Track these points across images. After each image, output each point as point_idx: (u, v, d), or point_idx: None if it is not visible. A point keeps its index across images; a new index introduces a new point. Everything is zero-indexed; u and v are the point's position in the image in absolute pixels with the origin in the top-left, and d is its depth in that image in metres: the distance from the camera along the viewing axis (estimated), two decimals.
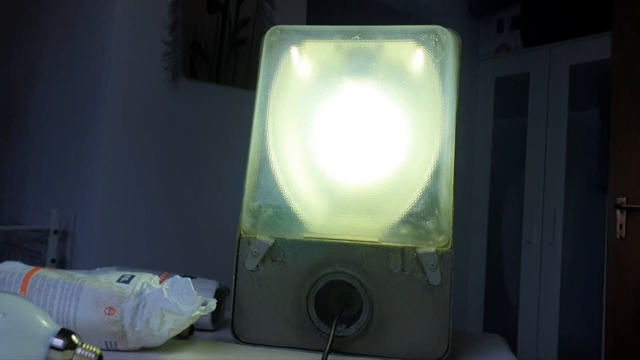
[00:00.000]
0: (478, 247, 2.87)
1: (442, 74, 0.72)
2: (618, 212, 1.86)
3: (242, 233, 0.71)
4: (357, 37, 0.75)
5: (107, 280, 0.64)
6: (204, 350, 0.67)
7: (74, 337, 0.53)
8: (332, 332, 0.65)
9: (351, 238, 0.68)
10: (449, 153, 0.69)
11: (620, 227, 1.85)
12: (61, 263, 1.81)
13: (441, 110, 0.71)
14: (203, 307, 0.64)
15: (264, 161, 0.72)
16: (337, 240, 0.69)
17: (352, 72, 0.75)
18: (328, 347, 0.63)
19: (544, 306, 2.57)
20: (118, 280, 0.64)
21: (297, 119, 0.75)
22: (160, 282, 0.66)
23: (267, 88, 0.75)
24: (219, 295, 0.76)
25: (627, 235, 1.85)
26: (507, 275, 2.87)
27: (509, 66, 2.87)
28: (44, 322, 0.53)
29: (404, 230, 0.68)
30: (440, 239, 0.67)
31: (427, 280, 0.67)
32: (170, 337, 0.64)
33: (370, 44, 0.74)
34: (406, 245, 0.67)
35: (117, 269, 0.75)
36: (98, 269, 0.77)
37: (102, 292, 0.63)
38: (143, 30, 1.78)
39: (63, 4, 2.07)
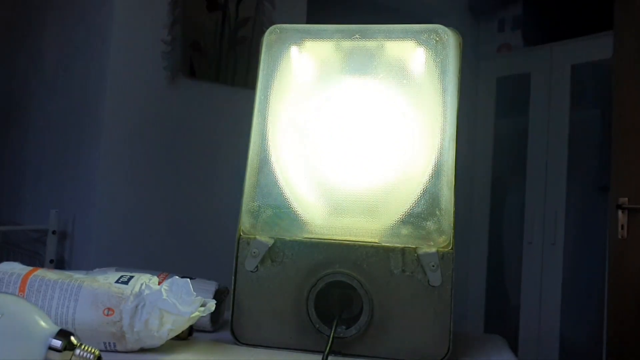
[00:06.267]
0: (479, 248, 2.87)
1: (442, 74, 0.71)
2: (620, 212, 1.85)
3: (241, 233, 0.70)
4: (357, 36, 0.74)
5: (105, 280, 0.64)
6: (203, 351, 0.67)
7: (72, 338, 0.52)
8: (332, 333, 0.65)
9: (351, 238, 0.68)
10: (450, 153, 0.69)
11: (622, 228, 1.84)
12: (60, 263, 1.81)
13: (442, 110, 0.70)
14: (202, 308, 0.64)
15: (264, 161, 0.72)
16: (337, 241, 0.68)
17: (352, 71, 0.74)
18: (328, 348, 0.63)
19: (545, 307, 2.57)
20: (117, 281, 0.64)
21: (296, 118, 0.74)
22: (159, 283, 0.65)
23: (267, 87, 0.74)
24: (218, 295, 0.76)
25: (628, 236, 1.84)
26: (508, 276, 2.86)
27: (510, 66, 2.87)
28: (43, 323, 0.53)
29: (404, 231, 0.67)
30: (441, 239, 0.66)
31: (428, 281, 0.66)
32: (169, 338, 0.63)
33: (370, 43, 0.74)
34: (407, 245, 0.67)
35: (116, 270, 0.75)
36: (97, 269, 0.77)
37: (100, 293, 0.62)
38: (142, 30, 1.78)
39: (62, 3, 2.07)
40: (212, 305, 0.65)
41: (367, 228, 0.68)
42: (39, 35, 2.19)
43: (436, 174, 0.68)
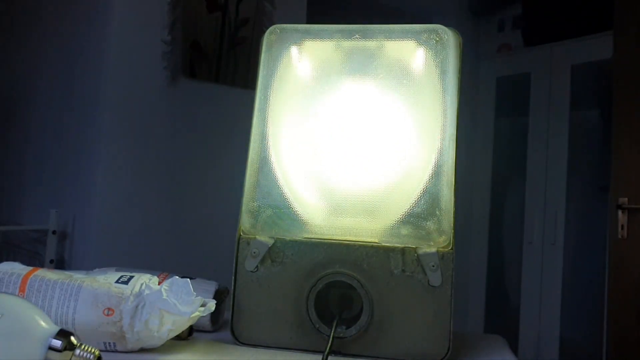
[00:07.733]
0: (479, 248, 2.87)
1: (442, 73, 0.71)
2: (620, 212, 1.85)
3: (241, 233, 0.70)
4: (357, 36, 0.74)
5: (105, 280, 0.64)
6: (203, 352, 0.67)
7: (72, 338, 0.52)
8: (332, 333, 0.65)
9: (351, 238, 0.68)
10: (450, 153, 0.69)
11: (622, 228, 1.85)
12: (60, 263, 1.81)
13: (442, 110, 0.70)
14: (202, 308, 0.64)
15: (264, 161, 0.72)
16: (337, 241, 0.68)
17: (352, 71, 0.74)
18: (328, 348, 0.63)
19: (545, 307, 2.57)
20: (117, 281, 0.64)
21: (296, 118, 0.74)
22: (159, 283, 0.65)
23: (267, 87, 0.74)
24: (218, 296, 0.76)
25: (628, 236, 1.84)
26: (508, 276, 2.86)
27: (510, 66, 2.87)
28: (43, 323, 0.53)
29: (404, 231, 0.67)
30: (441, 239, 0.66)
31: (428, 281, 0.66)
32: (169, 338, 0.63)
33: (370, 43, 0.74)
34: (407, 245, 0.67)
35: (116, 270, 0.75)
36: (97, 269, 0.77)
37: (100, 293, 0.62)
38: (142, 30, 1.78)
39: (62, 3, 2.07)
40: (212, 305, 0.65)
41: (367, 228, 0.68)
42: (39, 35, 2.19)
43: (436, 174, 0.68)
